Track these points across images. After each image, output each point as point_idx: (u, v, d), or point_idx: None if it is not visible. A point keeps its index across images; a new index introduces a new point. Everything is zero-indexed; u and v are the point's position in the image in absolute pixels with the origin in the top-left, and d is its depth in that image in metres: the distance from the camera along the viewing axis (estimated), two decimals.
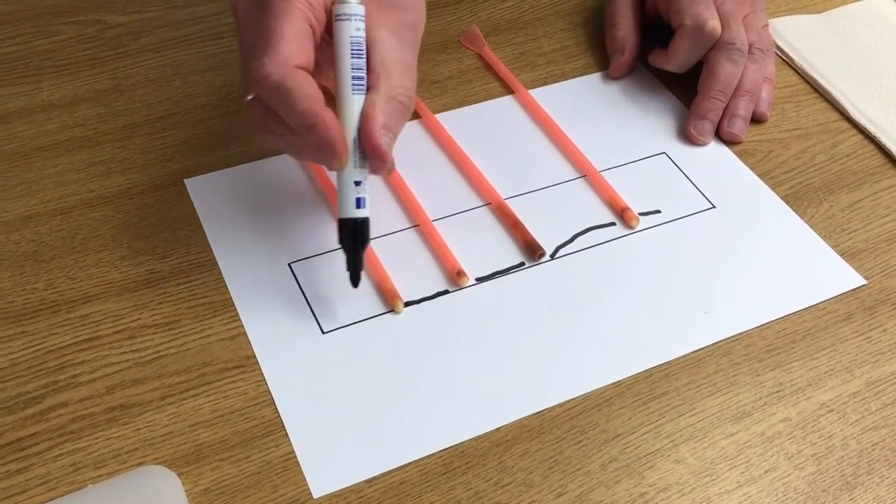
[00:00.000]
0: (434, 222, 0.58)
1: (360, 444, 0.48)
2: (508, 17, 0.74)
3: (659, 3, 0.68)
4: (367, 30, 0.49)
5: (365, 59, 0.49)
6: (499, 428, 0.48)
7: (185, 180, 0.60)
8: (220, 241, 0.57)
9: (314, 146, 0.48)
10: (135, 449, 0.47)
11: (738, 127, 0.64)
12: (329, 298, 0.54)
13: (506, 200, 0.60)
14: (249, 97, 0.49)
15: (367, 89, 0.49)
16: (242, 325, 0.52)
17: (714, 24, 0.64)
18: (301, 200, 0.59)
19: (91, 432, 0.47)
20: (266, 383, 0.50)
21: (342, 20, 0.48)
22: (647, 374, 0.51)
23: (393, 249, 0.56)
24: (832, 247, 0.58)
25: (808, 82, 0.70)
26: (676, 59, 0.66)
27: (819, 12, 0.75)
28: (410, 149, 0.62)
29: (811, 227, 0.59)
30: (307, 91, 0.46)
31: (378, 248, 0.56)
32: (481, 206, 0.60)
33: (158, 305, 0.53)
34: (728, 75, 0.64)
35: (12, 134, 0.63)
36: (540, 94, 0.67)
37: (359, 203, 0.50)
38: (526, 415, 0.49)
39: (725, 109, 0.65)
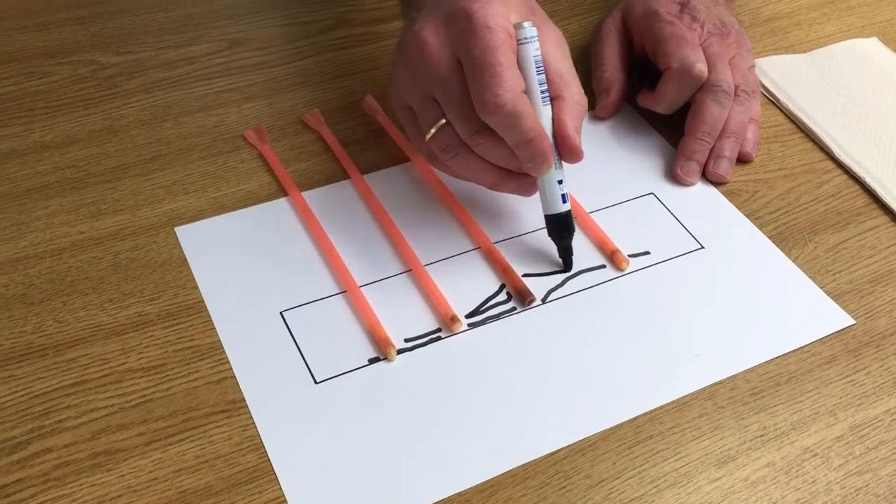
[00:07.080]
0: (426, 267, 0.58)
1: (353, 494, 0.47)
2: None
3: (646, 44, 0.69)
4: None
5: (544, 74, 0.55)
6: None
7: (176, 228, 0.60)
8: (209, 285, 0.57)
9: (528, 157, 0.54)
10: (119, 496, 0.47)
11: (724, 168, 0.65)
12: (321, 347, 0.54)
13: (495, 245, 0.60)
14: (441, 123, 0.55)
15: (553, 98, 0.56)
16: (230, 369, 0.52)
17: (701, 67, 0.65)
18: (293, 248, 0.59)
19: (75, 479, 0.47)
20: (253, 427, 0.50)
21: (525, 43, 0.54)
22: (632, 419, 0.51)
23: (386, 295, 0.56)
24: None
25: (794, 122, 0.70)
26: (664, 100, 0.67)
27: (805, 52, 0.76)
28: (403, 194, 0.63)
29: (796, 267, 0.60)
30: (531, 111, 0.53)
31: (370, 294, 0.56)
32: (472, 249, 0.60)
33: (145, 349, 0.53)
34: (714, 117, 0.65)
35: (4, 176, 0.63)
36: None
37: (563, 198, 0.57)
38: (515, 466, 0.49)
39: (711, 150, 0.65)
